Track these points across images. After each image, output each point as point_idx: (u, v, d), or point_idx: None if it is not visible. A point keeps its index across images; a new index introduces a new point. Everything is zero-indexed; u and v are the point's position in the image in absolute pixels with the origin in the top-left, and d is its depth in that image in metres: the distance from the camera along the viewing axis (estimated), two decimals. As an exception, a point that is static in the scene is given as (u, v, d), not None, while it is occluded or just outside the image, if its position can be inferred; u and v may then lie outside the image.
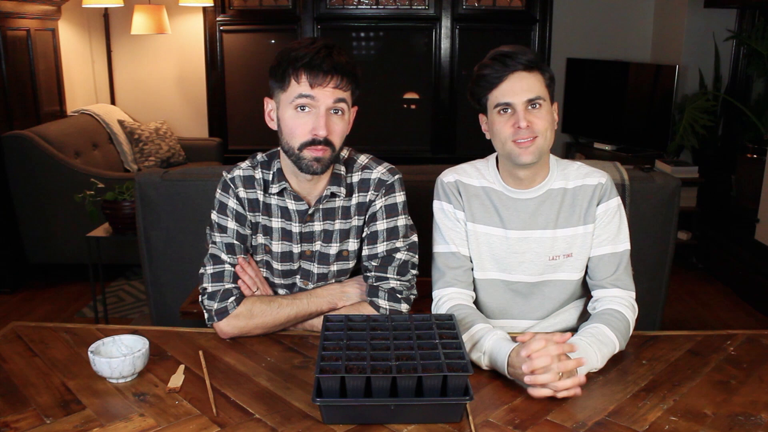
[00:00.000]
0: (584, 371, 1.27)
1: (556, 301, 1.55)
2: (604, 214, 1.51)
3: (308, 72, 1.37)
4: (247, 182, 1.53)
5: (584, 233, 1.51)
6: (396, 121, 4.94)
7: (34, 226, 3.65)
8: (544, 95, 1.44)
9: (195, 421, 1.14)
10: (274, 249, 1.54)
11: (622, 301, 1.47)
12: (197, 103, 4.91)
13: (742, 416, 1.16)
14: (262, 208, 1.53)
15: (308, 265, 1.56)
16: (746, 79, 4.27)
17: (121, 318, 3.34)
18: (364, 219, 1.54)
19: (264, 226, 1.54)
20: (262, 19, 4.80)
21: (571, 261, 1.52)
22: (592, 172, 1.53)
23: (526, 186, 1.51)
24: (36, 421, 1.14)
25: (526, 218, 1.51)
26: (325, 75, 1.37)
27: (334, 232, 1.53)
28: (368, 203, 1.53)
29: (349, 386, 1.11)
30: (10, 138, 3.54)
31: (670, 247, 2.33)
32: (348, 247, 1.55)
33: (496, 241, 1.52)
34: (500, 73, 1.43)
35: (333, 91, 1.39)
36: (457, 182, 1.55)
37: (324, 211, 1.52)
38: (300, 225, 1.52)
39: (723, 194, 4.18)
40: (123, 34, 4.73)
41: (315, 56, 1.37)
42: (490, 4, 4.75)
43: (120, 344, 1.34)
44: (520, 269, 1.53)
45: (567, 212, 1.51)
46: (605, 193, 1.52)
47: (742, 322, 3.33)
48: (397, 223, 1.52)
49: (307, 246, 1.54)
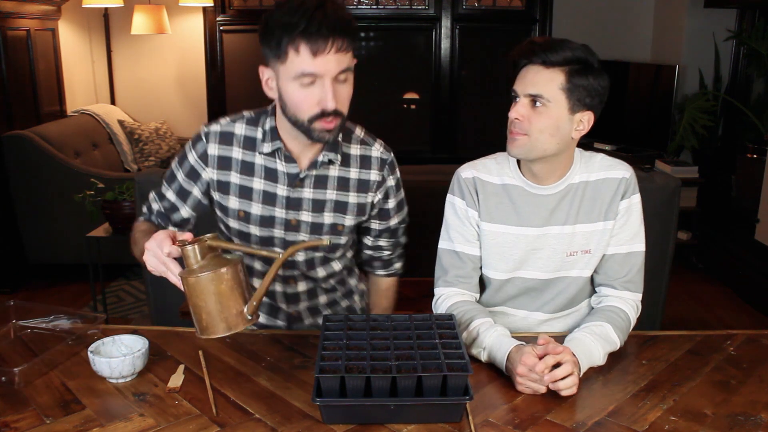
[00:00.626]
0: (586, 368, 1.28)
1: (568, 296, 1.52)
2: (627, 210, 1.47)
3: (307, 40, 1.26)
4: (223, 138, 1.46)
5: (603, 229, 1.47)
6: (396, 121, 4.94)
7: (34, 226, 3.65)
8: (552, 97, 1.35)
9: (195, 421, 1.14)
10: (253, 212, 1.47)
11: (629, 302, 1.46)
12: (197, 103, 4.91)
13: (742, 416, 1.16)
14: (240, 167, 1.46)
15: (293, 236, 1.49)
16: (746, 79, 4.27)
17: (121, 318, 3.34)
18: (366, 197, 1.52)
19: (241, 186, 1.46)
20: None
21: (588, 257, 1.48)
22: (616, 165, 1.48)
23: (545, 181, 1.46)
24: (36, 421, 1.13)
25: (545, 215, 1.46)
26: (325, 40, 1.26)
27: (326, 201, 1.49)
28: (373, 183, 1.52)
29: (349, 386, 1.11)
30: (10, 138, 3.54)
31: (670, 247, 2.33)
32: (345, 222, 1.51)
33: (513, 240, 1.48)
34: (521, 60, 1.39)
35: (336, 57, 1.28)
36: (475, 179, 1.50)
37: (316, 177, 1.47)
38: (288, 189, 1.46)
39: (723, 194, 4.18)
40: (123, 34, 4.73)
41: (311, 21, 1.25)
42: (490, 4, 4.75)
43: (120, 344, 1.34)
44: (536, 266, 1.49)
45: (588, 207, 1.46)
46: (629, 188, 1.46)
47: (742, 322, 3.33)
48: (402, 197, 1.61)
49: (294, 214, 1.48)
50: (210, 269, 1.16)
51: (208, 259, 1.18)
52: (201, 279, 1.15)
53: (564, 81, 1.35)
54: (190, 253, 1.18)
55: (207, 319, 1.17)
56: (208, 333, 1.17)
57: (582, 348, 1.30)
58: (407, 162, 2.10)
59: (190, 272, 1.17)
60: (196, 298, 1.16)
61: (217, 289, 1.15)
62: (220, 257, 1.20)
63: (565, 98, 1.36)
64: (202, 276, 1.15)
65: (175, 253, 1.21)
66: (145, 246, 1.23)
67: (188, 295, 1.17)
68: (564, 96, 1.36)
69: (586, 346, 1.30)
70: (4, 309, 1.47)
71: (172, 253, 1.20)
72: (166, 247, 1.20)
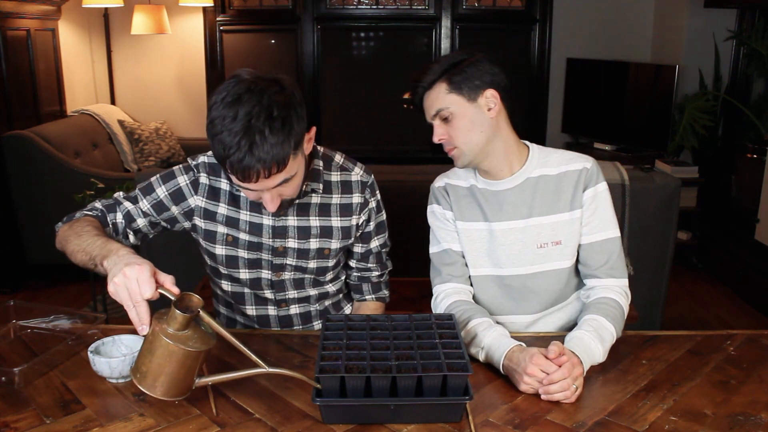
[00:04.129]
0: (588, 366, 1.29)
1: (552, 292, 1.54)
2: (593, 199, 1.51)
3: (233, 172, 1.26)
4: (213, 170, 1.50)
5: (571, 219, 1.51)
6: (396, 121, 4.94)
7: (34, 226, 3.65)
8: (448, 103, 1.45)
9: (195, 421, 1.14)
10: (241, 237, 1.51)
11: (616, 289, 1.49)
12: (197, 103, 4.91)
13: (742, 416, 1.16)
14: (228, 198, 1.50)
15: (280, 260, 1.54)
16: (746, 79, 4.27)
17: (121, 318, 3.33)
18: (350, 220, 1.55)
19: (228, 217, 1.50)
20: (262, 19, 4.80)
21: (561, 248, 1.51)
22: (577, 158, 1.53)
23: (499, 176, 1.52)
24: (36, 421, 1.13)
25: (508, 209, 1.52)
26: (250, 176, 1.25)
27: (311, 228, 1.53)
28: (356, 205, 1.55)
29: (349, 386, 1.11)
30: (10, 138, 3.54)
31: (670, 247, 2.33)
32: (330, 246, 1.56)
33: (483, 236, 1.53)
34: (416, 102, 1.51)
35: (268, 180, 1.28)
36: (446, 185, 1.59)
37: (299, 206, 1.51)
38: (273, 219, 1.50)
39: (723, 194, 4.18)
40: (123, 34, 4.73)
41: (233, 157, 1.22)
42: (490, 4, 4.75)
43: (120, 344, 1.34)
44: (510, 262, 1.52)
45: (551, 199, 1.51)
46: (591, 177, 1.51)
47: (742, 322, 3.33)
48: (382, 219, 1.64)
49: (280, 242, 1.52)
50: (185, 344, 1.11)
51: (189, 330, 1.13)
52: (174, 348, 1.10)
53: (447, 86, 1.45)
54: (178, 318, 1.11)
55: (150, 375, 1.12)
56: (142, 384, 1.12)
57: (583, 347, 1.30)
58: (407, 162, 2.10)
59: (165, 333, 1.11)
60: (156, 357, 1.11)
61: (181, 362, 1.11)
62: (199, 331, 1.15)
63: (458, 96, 1.45)
64: (177, 346, 1.10)
65: (153, 298, 1.14)
66: (124, 272, 1.14)
67: (149, 348, 1.12)
68: (456, 95, 1.45)
69: (586, 345, 1.31)
70: (4, 309, 1.48)
71: (152, 298, 1.14)
72: (148, 292, 1.13)
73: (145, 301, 1.14)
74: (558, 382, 1.20)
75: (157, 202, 1.51)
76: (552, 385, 1.20)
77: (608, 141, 4.46)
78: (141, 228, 1.52)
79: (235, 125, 1.22)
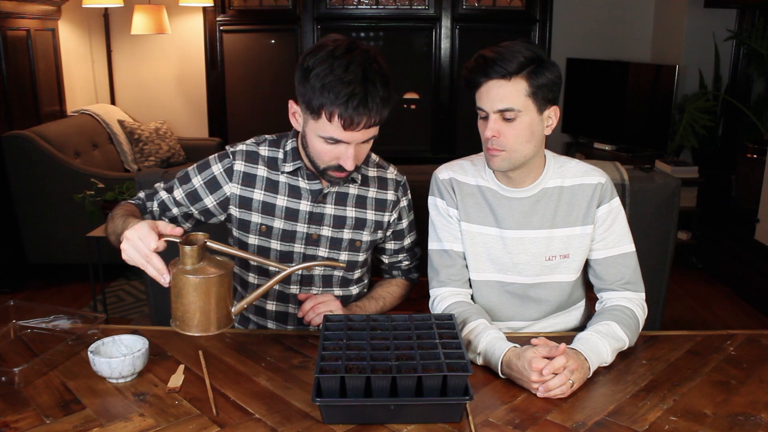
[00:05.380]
0: (596, 366, 1.29)
1: (551, 303, 1.54)
2: (608, 215, 1.49)
3: (342, 115, 1.31)
4: (250, 157, 1.52)
5: (582, 234, 1.49)
6: (396, 121, 4.92)
7: (34, 226, 3.65)
8: (521, 106, 1.36)
9: (195, 421, 1.14)
10: (276, 225, 1.52)
11: (633, 301, 1.47)
12: (197, 103, 4.91)
13: (742, 416, 1.16)
14: (265, 184, 1.51)
15: (312, 250, 1.54)
16: (746, 79, 4.27)
17: (121, 318, 3.34)
18: (383, 216, 1.58)
19: (264, 203, 1.51)
20: (262, 19, 4.80)
21: (568, 262, 1.50)
22: (591, 171, 1.50)
23: (519, 185, 1.48)
24: (36, 421, 1.13)
25: (520, 218, 1.49)
26: (360, 118, 1.31)
27: (346, 218, 1.55)
28: (390, 202, 1.59)
29: (349, 386, 1.11)
30: (10, 138, 3.54)
31: (670, 247, 2.33)
32: (362, 238, 1.57)
33: (491, 241, 1.50)
34: (478, 78, 1.38)
35: (366, 131, 1.35)
36: (451, 180, 1.53)
37: (337, 195, 1.54)
38: (312, 204, 1.52)
39: (723, 194, 4.18)
40: (123, 34, 4.73)
41: (351, 98, 1.29)
42: (490, 4, 4.74)
43: (120, 344, 1.34)
44: (515, 270, 1.51)
45: (564, 211, 1.48)
46: (606, 193, 1.49)
47: (742, 322, 3.33)
48: (413, 218, 1.69)
49: (315, 229, 1.53)
50: (205, 273, 1.17)
51: (204, 261, 1.20)
52: (196, 281, 1.16)
53: (527, 86, 1.36)
54: (188, 252, 1.18)
55: (187, 316, 1.19)
56: (184, 328, 1.21)
57: (590, 346, 1.30)
58: (407, 162, 2.10)
59: (184, 271, 1.18)
60: (184, 297, 1.18)
61: (207, 292, 1.18)
62: (214, 260, 1.22)
63: (532, 102, 1.37)
64: (197, 278, 1.16)
65: (160, 248, 1.20)
66: (126, 236, 1.21)
67: (176, 292, 1.19)
68: (531, 101, 1.37)
69: (594, 345, 1.30)
70: (4, 309, 1.47)
71: (159, 248, 1.20)
72: (152, 242, 1.19)
73: (156, 254, 1.19)
74: (557, 373, 1.20)
75: (191, 191, 1.52)
76: (551, 381, 1.20)
77: (608, 141, 4.46)
78: (176, 217, 1.55)
79: (348, 75, 1.29)
